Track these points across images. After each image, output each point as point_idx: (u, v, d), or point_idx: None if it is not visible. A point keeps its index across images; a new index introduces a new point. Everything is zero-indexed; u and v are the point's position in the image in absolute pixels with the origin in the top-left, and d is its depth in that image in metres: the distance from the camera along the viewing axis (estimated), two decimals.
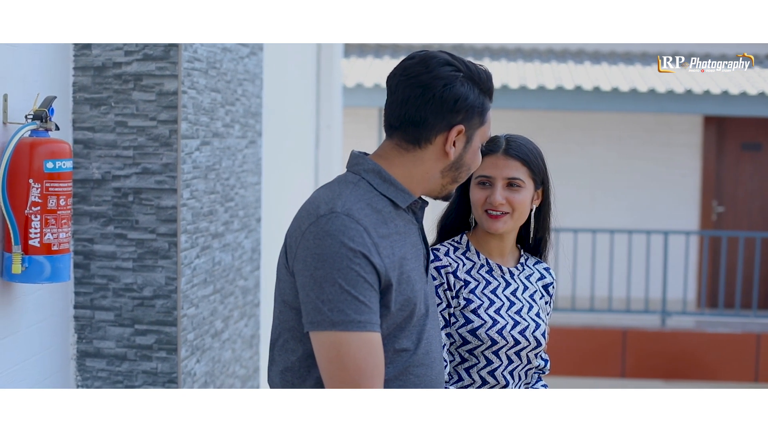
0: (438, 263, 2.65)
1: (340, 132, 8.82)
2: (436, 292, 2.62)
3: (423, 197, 2.38)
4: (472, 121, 2.29)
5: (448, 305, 2.64)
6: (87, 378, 3.56)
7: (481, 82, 2.31)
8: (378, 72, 11.95)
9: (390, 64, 12.67)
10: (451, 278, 2.65)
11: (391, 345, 2.24)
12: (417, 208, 2.36)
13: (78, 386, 3.56)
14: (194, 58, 3.64)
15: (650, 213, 12.95)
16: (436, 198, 2.40)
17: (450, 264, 2.66)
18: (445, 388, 2.60)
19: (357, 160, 2.32)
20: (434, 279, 2.63)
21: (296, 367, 2.24)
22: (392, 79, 2.31)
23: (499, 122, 12.04)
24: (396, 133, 2.29)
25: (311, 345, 2.20)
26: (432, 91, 2.24)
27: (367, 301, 2.13)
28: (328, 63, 8.35)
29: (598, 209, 13.04)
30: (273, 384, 2.34)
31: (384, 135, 2.36)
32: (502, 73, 12.13)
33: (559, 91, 11.55)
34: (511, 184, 2.67)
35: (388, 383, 2.24)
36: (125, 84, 3.49)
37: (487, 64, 12.73)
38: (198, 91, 3.68)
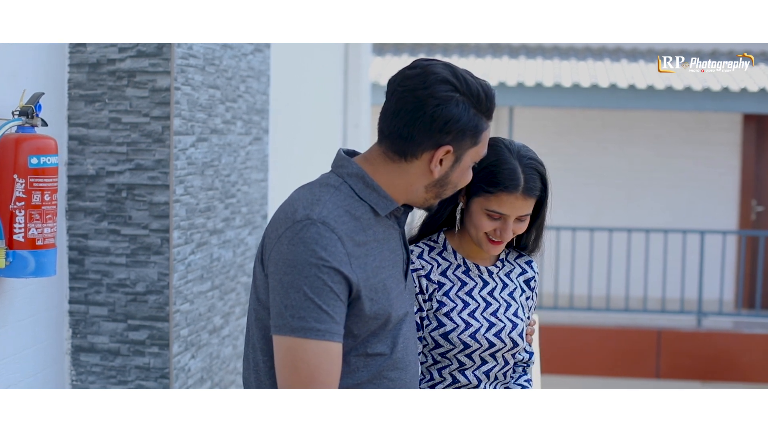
0: (410, 266, 2.61)
1: (368, 131, 8.82)
2: None
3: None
4: (462, 142, 2.24)
5: (420, 309, 2.60)
6: (81, 373, 3.58)
7: (480, 102, 2.24)
8: None
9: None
10: (424, 281, 2.60)
11: (364, 349, 2.24)
12: (399, 214, 2.34)
13: (72, 381, 3.59)
14: (189, 54, 3.65)
15: (688, 212, 12.81)
16: (419, 208, 2.39)
17: (423, 267, 2.61)
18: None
19: (342, 162, 2.30)
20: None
21: (268, 367, 2.25)
22: (391, 85, 2.27)
23: (535, 121, 11.96)
24: (385, 141, 2.27)
25: None
26: (423, 109, 2.19)
27: (330, 310, 2.12)
28: (355, 62, 8.34)
29: (635, 208, 12.93)
30: (247, 382, 2.33)
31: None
32: (537, 71, 12.06)
33: (594, 89, 11.47)
34: (521, 218, 2.62)
35: (362, 386, 2.24)
36: (119, 80, 3.51)
37: (523, 62, 12.67)
38: (193, 87, 3.69)
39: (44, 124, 3.12)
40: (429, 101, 2.19)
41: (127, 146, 3.51)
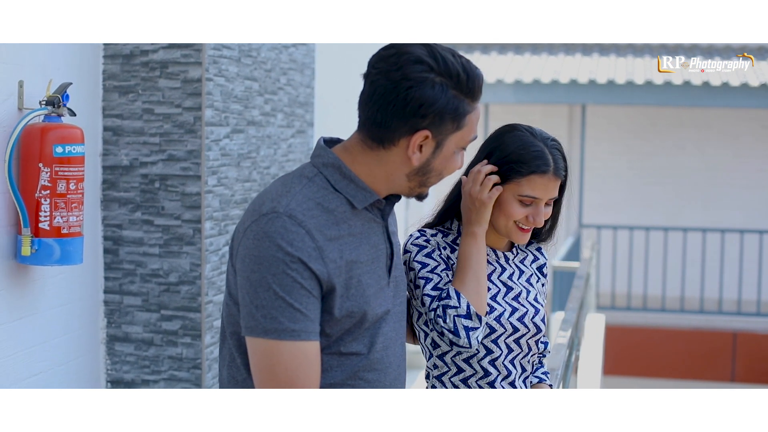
0: (416, 241, 2.54)
1: None
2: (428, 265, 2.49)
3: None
4: (442, 127, 2.07)
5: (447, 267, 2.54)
6: (116, 362, 3.61)
7: (460, 83, 2.06)
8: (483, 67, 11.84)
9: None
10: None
11: (337, 348, 2.13)
12: (382, 206, 2.20)
13: (107, 370, 3.62)
14: (222, 45, 3.65)
15: (765, 213, 12.52)
16: (406, 197, 2.24)
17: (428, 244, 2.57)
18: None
19: (319, 152, 2.16)
20: (424, 247, 2.51)
21: (238, 363, 2.15)
22: (367, 67, 2.13)
23: (609, 118, 11.78)
24: (363, 128, 2.12)
25: None
26: (396, 92, 2.04)
27: (302, 308, 2.01)
28: None
29: (711, 208, 12.68)
30: (221, 378, 2.24)
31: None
32: (610, 69, 11.90)
33: (667, 87, 11.26)
34: (548, 202, 2.56)
35: (336, 388, 2.13)
36: (152, 71, 3.52)
37: (596, 59, 12.48)
38: (227, 78, 3.69)
39: (72, 113, 3.14)
40: (402, 83, 2.03)
41: (159, 137, 3.53)
